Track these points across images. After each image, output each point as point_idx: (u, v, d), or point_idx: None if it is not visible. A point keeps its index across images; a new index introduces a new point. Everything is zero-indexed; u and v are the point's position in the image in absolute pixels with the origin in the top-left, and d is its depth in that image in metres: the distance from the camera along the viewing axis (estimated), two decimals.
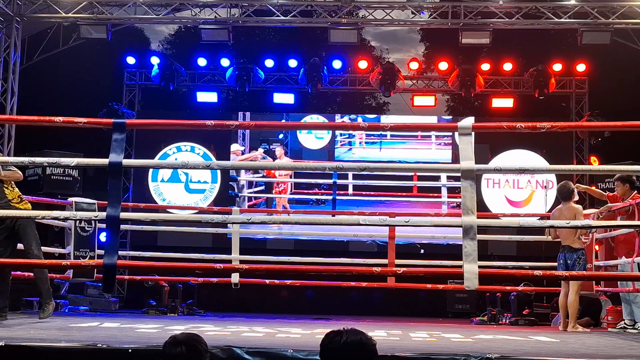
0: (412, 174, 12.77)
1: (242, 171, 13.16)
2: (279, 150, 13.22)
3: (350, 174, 12.96)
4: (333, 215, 12.21)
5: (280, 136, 13.34)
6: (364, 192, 12.96)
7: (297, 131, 13.42)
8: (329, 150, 13.31)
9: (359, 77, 13.47)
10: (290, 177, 13.23)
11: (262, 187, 13.34)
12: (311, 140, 13.39)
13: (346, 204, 12.91)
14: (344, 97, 18.54)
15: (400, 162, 12.77)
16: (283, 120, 13.55)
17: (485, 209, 12.23)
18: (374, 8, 11.66)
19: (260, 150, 13.17)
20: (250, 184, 13.25)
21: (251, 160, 13.06)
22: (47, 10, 11.42)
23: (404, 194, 12.84)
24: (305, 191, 13.19)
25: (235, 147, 13.11)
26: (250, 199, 13.23)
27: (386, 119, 14.12)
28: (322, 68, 12.84)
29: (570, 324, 7.43)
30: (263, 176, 13.27)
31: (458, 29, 11.41)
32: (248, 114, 13.62)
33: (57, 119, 4.91)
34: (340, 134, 13.39)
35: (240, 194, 13.10)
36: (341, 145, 13.38)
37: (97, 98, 13.56)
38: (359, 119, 14.00)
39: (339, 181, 13.00)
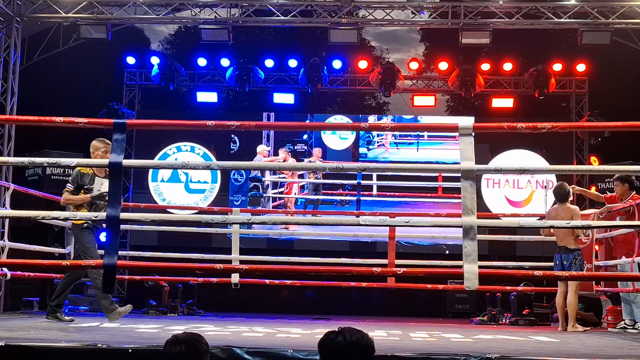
0: (437, 174, 12.74)
1: (267, 172, 13.17)
2: (282, 152, 13.19)
3: (374, 175, 12.97)
4: (357, 216, 12.18)
5: (305, 137, 13.34)
6: (388, 193, 12.95)
7: (321, 132, 13.39)
8: (353, 150, 13.30)
9: (359, 77, 13.47)
10: (300, 177, 13.25)
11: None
12: (335, 140, 13.38)
13: (370, 205, 12.88)
14: (344, 97, 18.55)
15: (437, 162, 12.75)
16: (308, 121, 13.68)
17: (485, 209, 12.23)
18: (374, 8, 11.65)
19: (282, 155, 13.17)
20: (275, 185, 13.27)
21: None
22: (47, 10, 11.41)
23: (429, 194, 12.81)
24: (330, 192, 13.18)
25: (261, 147, 13.13)
26: (274, 199, 13.23)
27: (423, 119, 14.04)
28: (322, 68, 12.84)
29: (570, 323, 7.45)
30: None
31: (458, 29, 11.40)
32: (272, 114, 13.53)
33: (57, 119, 4.91)
34: (378, 135, 13.37)
35: (265, 194, 13.11)
36: (378, 146, 13.36)
37: (97, 98, 13.56)
38: (386, 119, 14.05)
39: (364, 182, 12.99)
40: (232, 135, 13.24)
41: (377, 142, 13.38)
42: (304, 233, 11.67)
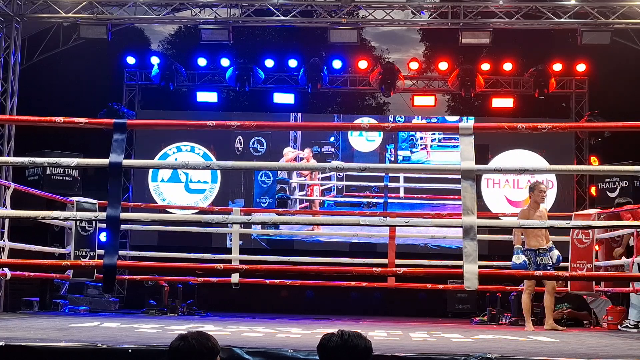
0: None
1: (294, 174, 13.17)
2: (306, 151, 13.19)
3: (401, 177, 12.94)
4: (385, 217, 12.07)
5: (332, 139, 13.33)
6: (416, 195, 12.91)
7: (349, 134, 13.36)
8: (380, 153, 13.27)
9: (359, 77, 13.46)
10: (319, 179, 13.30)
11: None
12: (362, 143, 13.35)
13: (398, 207, 12.83)
14: (344, 97, 18.53)
15: None
16: (336, 121, 13.93)
17: (485, 209, 12.23)
18: (374, 8, 11.64)
19: (304, 154, 13.17)
20: (302, 187, 13.26)
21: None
22: (47, 10, 11.41)
23: (456, 197, 12.63)
24: (356, 194, 13.15)
25: (287, 150, 13.15)
26: (302, 201, 13.21)
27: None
28: (322, 68, 12.83)
29: (547, 321, 7.60)
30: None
31: (458, 29, 11.39)
32: (299, 114, 13.61)
33: (57, 119, 4.91)
34: (421, 138, 13.35)
35: (292, 197, 13.11)
36: (421, 149, 13.34)
37: (97, 98, 13.55)
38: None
39: (391, 184, 12.95)
40: (260, 137, 13.26)
41: (421, 145, 13.34)
42: (329, 234, 11.86)
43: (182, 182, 13.12)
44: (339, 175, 13.16)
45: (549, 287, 7.70)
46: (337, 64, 13.18)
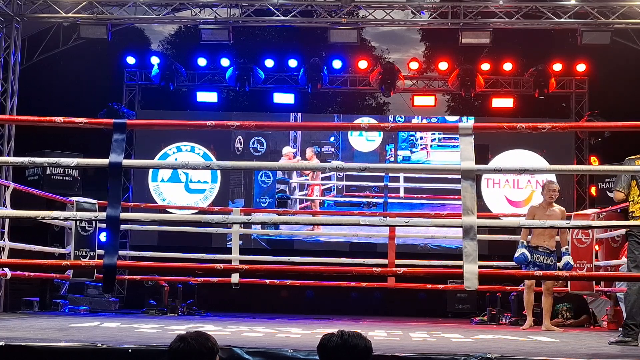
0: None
1: (294, 174, 13.17)
2: (308, 151, 13.19)
3: (401, 177, 12.93)
4: (385, 217, 12.01)
5: (332, 139, 13.33)
6: (416, 195, 12.89)
7: (349, 134, 13.36)
8: (380, 153, 13.27)
9: (359, 77, 13.46)
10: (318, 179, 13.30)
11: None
12: (362, 142, 13.34)
13: (398, 207, 12.83)
14: (344, 97, 18.54)
15: None
16: (336, 121, 13.99)
17: (485, 209, 12.22)
18: (374, 8, 11.64)
19: (309, 150, 13.17)
20: (302, 187, 13.26)
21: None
22: (47, 10, 11.40)
23: (456, 197, 12.34)
24: (356, 194, 13.14)
25: (287, 149, 13.14)
26: (302, 201, 13.20)
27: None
28: (322, 68, 12.83)
29: (544, 322, 7.61)
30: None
31: (458, 29, 11.39)
32: (299, 114, 13.59)
33: (57, 119, 4.91)
34: (421, 138, 13.34)
35: (292, 197, 13.11)
36: (421, 149, 13.34)
37: (97, 98, 13.55)
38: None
39: (391, 184, 12.94)
40: (260, 137, 13.25)
41: (421, 145, 13.33)
42: (329, 234, 11.88)
43: (182, 182, 13.12)
44: (339, 175, 13.15)
45: (545, 288, 7.71)
46: (337, 64, 13.17)
